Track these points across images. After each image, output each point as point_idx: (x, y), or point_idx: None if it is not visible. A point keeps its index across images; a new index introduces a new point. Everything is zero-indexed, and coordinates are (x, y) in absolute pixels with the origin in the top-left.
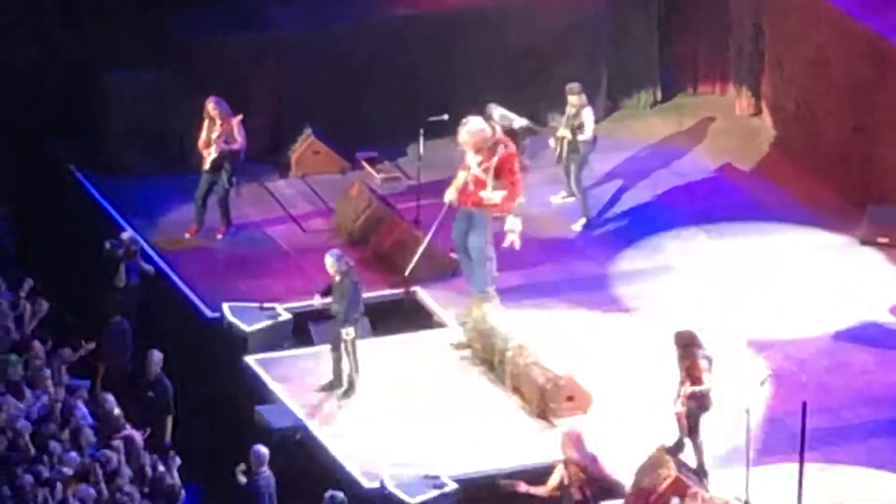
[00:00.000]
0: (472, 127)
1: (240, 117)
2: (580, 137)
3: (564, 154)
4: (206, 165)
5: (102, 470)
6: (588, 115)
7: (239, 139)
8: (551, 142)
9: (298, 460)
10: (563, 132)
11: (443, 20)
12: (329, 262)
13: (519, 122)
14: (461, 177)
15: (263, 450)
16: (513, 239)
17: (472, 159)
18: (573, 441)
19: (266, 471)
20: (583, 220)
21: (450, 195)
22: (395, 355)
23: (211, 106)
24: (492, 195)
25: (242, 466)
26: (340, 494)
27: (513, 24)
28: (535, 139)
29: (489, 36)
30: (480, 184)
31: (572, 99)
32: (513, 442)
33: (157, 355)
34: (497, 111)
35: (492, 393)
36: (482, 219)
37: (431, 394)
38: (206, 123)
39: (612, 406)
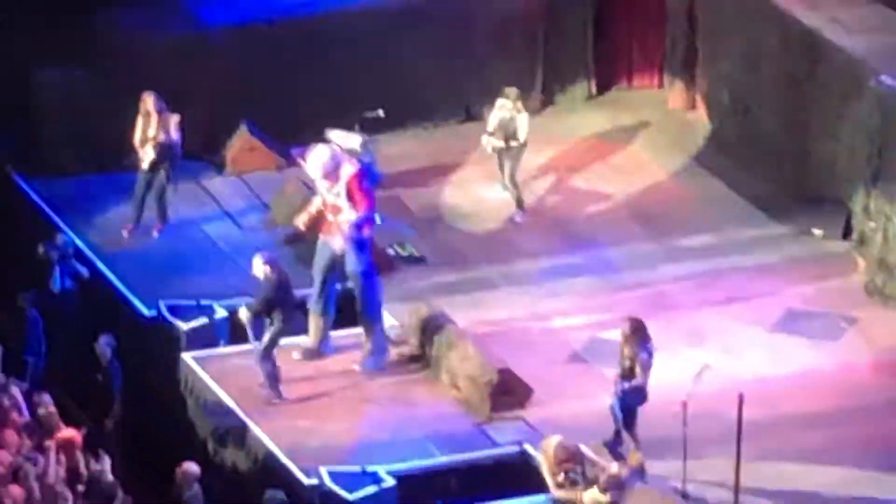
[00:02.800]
0: (314, 160)
1: (177, 117)
2: (513, 144)
3: (498, 152)
4: (144, 164)
5: (34, 470)
6: (523, 121)
7: (174, 136)
8: (483, 139)
9: (237, 458)
10: (495, 139)
11: (377, 16)
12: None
13: (356, 140)
14: (315, 202)
15: (194, 467)
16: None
17: (322, 187)
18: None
19: (196, 488)
20: (517, 214)
21: (301, 220)
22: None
23: (149, 101)
24: (350, 216)
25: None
26: (280, 493)
27: (447, 19)
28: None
29: (424, 32)
30: (339, 210)
31: (507, 103)
32: (451, 436)
33: (106, 339)
34: (334, 133)
35: (429, 388)
36: (356, 243)
37: (369, 390)
38: (140, 120)
39: (549, 400)
